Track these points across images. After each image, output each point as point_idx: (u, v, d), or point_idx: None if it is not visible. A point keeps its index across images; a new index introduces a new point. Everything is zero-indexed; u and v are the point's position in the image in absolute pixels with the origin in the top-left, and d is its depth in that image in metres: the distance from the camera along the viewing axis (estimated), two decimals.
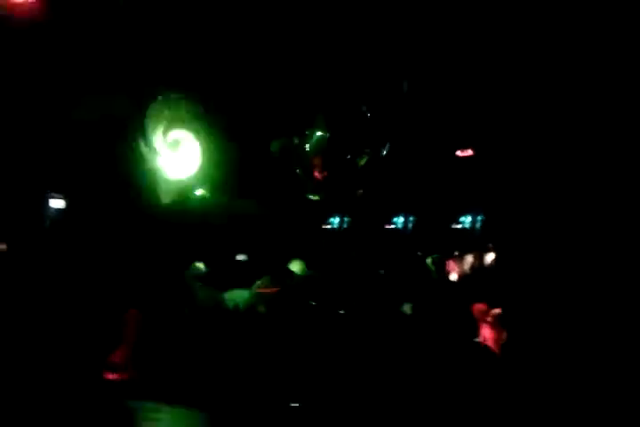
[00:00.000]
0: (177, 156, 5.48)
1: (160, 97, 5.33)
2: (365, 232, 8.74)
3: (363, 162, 5.82)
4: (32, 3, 5.13)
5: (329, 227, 9.42)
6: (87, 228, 6.25)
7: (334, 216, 9.42)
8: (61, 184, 6.49)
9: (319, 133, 5.80)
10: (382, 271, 6.32)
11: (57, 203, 6.58)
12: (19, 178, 6.29)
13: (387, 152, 5.92)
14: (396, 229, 9.63)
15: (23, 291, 5.57)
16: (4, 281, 5.64)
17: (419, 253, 7.24)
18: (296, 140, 5.88)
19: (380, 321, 5.43)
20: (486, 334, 5.23)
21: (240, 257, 7.48)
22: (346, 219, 9.37)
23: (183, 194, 5.74)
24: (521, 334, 5.06)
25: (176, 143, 5.46)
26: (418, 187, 8.25)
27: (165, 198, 5.53)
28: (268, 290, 5.52)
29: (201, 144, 5.56)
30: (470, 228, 9.25)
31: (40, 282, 5.64)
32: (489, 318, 5.23)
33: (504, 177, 6.52)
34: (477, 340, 5.21)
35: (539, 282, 5.32)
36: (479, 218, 9.14)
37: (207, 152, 5.63)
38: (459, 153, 7.57)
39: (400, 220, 9.71)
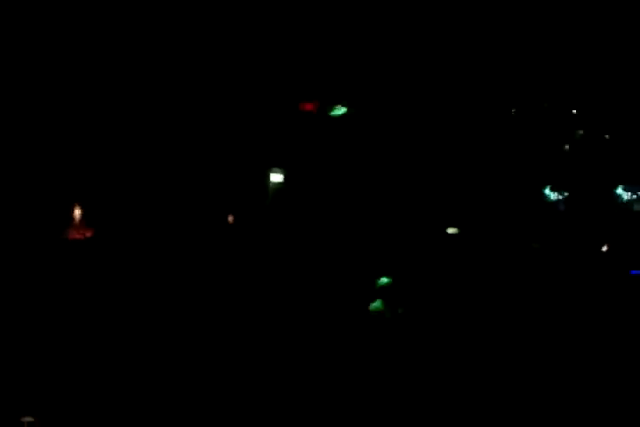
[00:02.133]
0: None
1: None
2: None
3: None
4: None
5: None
6: (308, 201, 6.45)
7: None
8: (280, 158, 6.77)
9: None
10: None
11: (276, 177, 6.85)
12: (238, 153, 6.51)
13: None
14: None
15: (249, 262, 5.73)
16: (232, 253, 5.80)
17: None
18: None
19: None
20: None
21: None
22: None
23: None
24: None
25: None
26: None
27: None
28: None
29: None
30: None
31: (264, 253, 5.81)
32: None
33: None
34: None
35: None
36: None
37: None
38: None
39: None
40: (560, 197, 8.27)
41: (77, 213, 5.78)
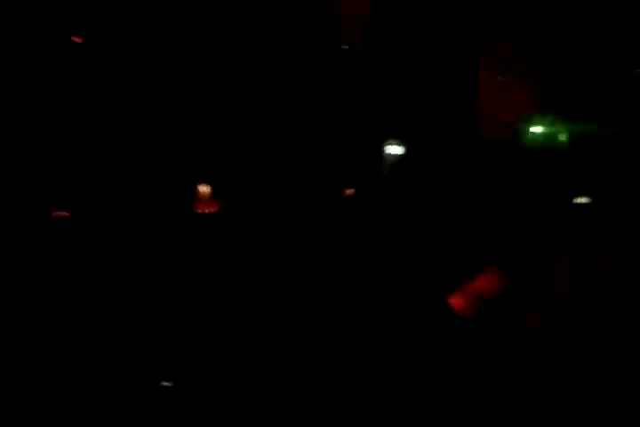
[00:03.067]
0: None
1: None
2: None
3: None
4: None
5: None
6: (421, 172, 6.32)
7: None
8: (398, 131, 6.58)
9: None
10: None
11: (395, 149, 6.63)
12: (356, 125, 6.36)
13: None
14: None
15: (368, 233, 5.56)
16: (350, 226, 5.62)
17: None
18: None
19: None
20: None
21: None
22: None
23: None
24: None
25: None
26: None
27: None
28: None
29: None
30: None
31: (380, 227, 5.65)
32: None
33: None
34: None
35: None
36: None
37: None
38: None
39: None
40: None
41: (205, 188, 5.80)
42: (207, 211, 5.43)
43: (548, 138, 6.20)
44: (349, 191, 6.06)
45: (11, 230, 5.62)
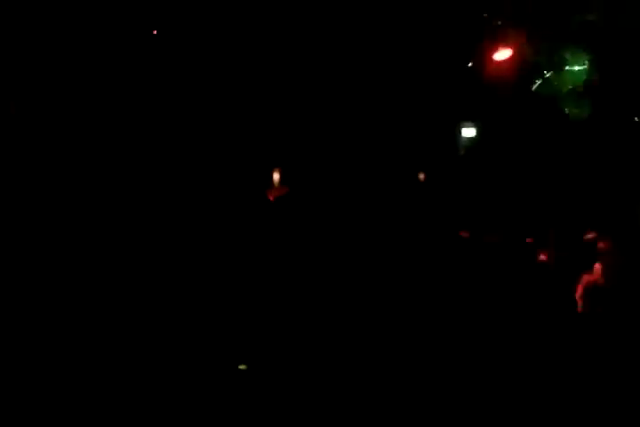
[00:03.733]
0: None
1: None
2: None
3: None
4: None
5: None
6: (500, 155, 6.38)
7: None
8: (472, 113, 6.70)
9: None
10: None
11: (469, 132, 6.79)
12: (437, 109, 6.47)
13: None
14: None
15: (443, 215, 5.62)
16: (422, 209, 5.70)
17: None
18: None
19: None
20: None
21: None
22: None
23: None
24: None
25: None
26: None
27: None
28: None
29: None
30: None
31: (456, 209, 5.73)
32: None
33: None
34: None
35: None
36: None
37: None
38: None
39: None
40: None
41: (277, 175, 5.88)
42: (277, 196, 5.42)
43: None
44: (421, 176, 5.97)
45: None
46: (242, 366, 4.71)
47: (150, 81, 5.95)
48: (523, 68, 5.97)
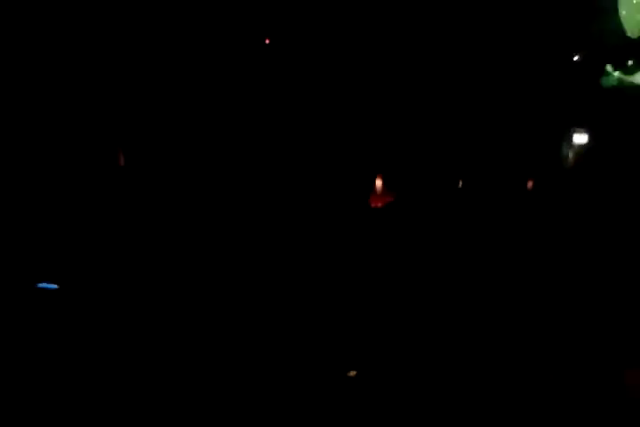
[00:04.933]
0: None
1: None
2: None
3: None
4: None
5: None
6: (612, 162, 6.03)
7: None
8: (588, 119, 6.30)
9: None
10: None
11: (580, 138, 6.40)
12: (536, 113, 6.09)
13: None
14: None
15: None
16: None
17: None
18: None
19: None
20: None
21: None
22: None
23: None
24: None
25: None
26: None
27: None
28: None
29: None
30: None
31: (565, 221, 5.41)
32: None
33: None
34: None
35: None
36: None
37: None
38: None
39: None
40: None
41: (379, 182, 5.66)
42: (380, 204, 5.22)
43: None
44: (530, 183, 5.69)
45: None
46: (351, 373, 4.51)
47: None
48: None
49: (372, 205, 5.64)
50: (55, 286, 5.06)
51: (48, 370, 4.61)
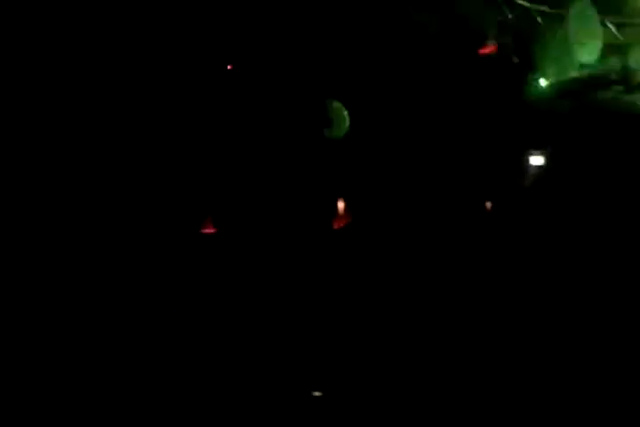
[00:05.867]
0: None
1: None
2: None
3: None
4: None
5: None
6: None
7: None
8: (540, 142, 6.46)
9: None
10: None
11: (537, 160, 6.60)
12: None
13: None
14: None
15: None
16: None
17: None
18: None
19: None
20: None
21: None
22: None
23: None
24: None
25: None
26: None
27: None
28: None
29: None
30: None
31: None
32: None
33: None
34: None
35: None
36: None
37: None
38: None
39: None
40: None
41: (341, 204, 5.83)
42: (341, 225, 5.34)
43: None
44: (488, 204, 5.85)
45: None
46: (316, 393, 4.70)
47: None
48: None
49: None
50: None
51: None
